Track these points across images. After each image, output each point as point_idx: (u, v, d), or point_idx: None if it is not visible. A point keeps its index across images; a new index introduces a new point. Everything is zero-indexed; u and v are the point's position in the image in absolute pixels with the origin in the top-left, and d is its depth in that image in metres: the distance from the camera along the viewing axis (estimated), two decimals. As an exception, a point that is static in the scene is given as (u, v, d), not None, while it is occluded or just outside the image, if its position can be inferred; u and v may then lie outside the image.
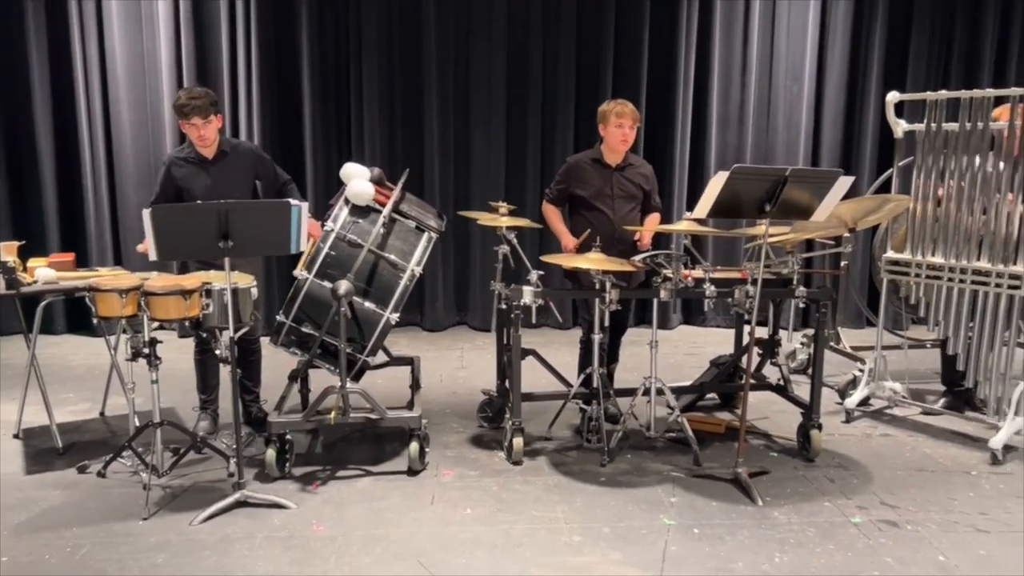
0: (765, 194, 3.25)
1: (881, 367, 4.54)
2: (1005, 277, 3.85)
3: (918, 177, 4.17)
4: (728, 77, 6.41)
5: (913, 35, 6.36)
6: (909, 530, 3.13)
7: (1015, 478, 3.65)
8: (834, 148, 6.51)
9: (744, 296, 3.64)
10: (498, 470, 3.66)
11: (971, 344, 4.02)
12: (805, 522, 3.18)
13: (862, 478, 3.63)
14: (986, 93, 3.89)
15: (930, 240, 4.14)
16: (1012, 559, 2.90)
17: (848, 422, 4.38)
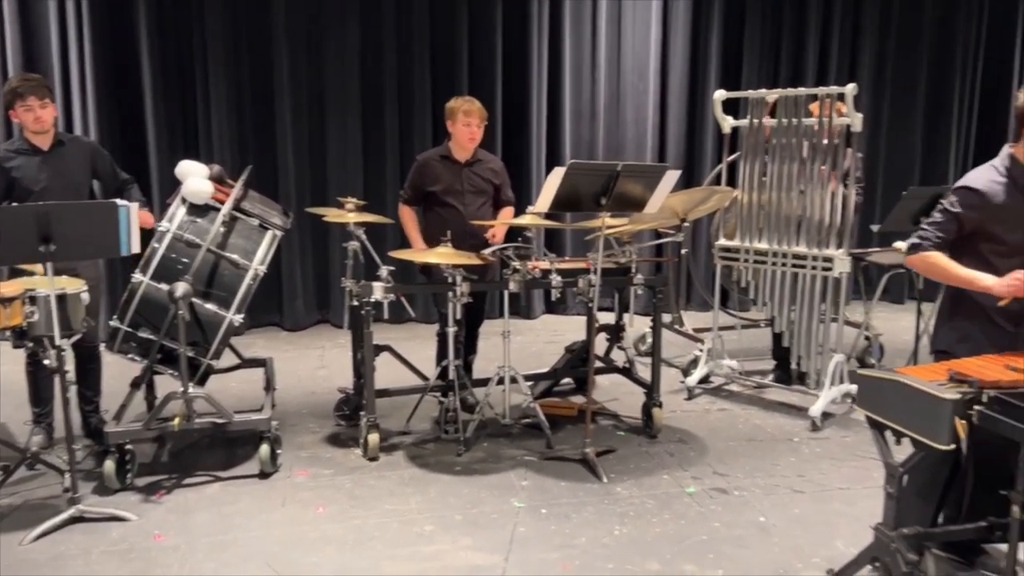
0: (600, 188, 3.43)
1: (719, 346, 4.87)
2: (820, 260, 4.24)
3: (744, 168, 4.50)
4: (579, 73, 6.64)
5: (746, 38, 6.82)
6: (736, 496, 3.40)
7: (831, 442, 4.03)
8: (679, 142, 6.88)
9: (587, 285, 3.81)
10: (353, 467, 3.66)
11: (794, 322, 4.40)
12: (645, 495, 3.39)
13: (699, 451, 3.90)
14: (799, 92, 4.25)
15: (756, 228, 4.48)
16: (822, 515, 3.22)
17: (690, 399, 4.68)
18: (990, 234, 2.55)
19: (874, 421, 2.24)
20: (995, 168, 2.58)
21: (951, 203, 2.59)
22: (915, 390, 2.06)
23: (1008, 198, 2.53)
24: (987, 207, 2.52)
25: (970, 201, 2.54)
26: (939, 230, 2.61)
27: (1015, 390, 2.02)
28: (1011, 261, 2.56)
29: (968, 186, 2.56)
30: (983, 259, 2.56)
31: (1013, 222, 2.54)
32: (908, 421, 2.09)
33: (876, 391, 2.21)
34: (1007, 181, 2.54)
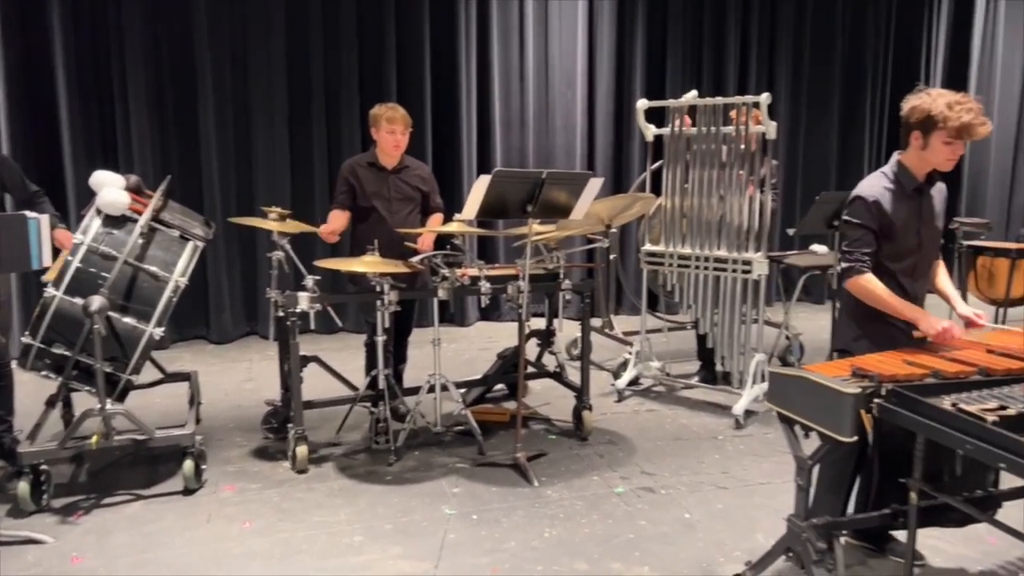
0: (526, 195, 3.48)
1: (647, 349, 4.98)
2: (739, 263, 4.38)
3: (667, 175, 4.62)
4: (508, 81, 6.70)
5: (669, 47, 7.01)
6: (663, 494, 3.49)
7: (753, 439, 4.16)
8: (607, 149, 7.01)
9: (516, 291, 3.85)
10: (281, 480, 3.61)
11: (717, 324, 4.53)
12: (575, 496, 3.45)
13: (627, 451, 3.98)
14: (716, 101, 4.39)
15: (679, 232, 4.60)
16: (744, 510, 3.32)
17: (620, 401, 4.77)
18: (883, 239, 2.66)
19: (784, 416, 2.34)
20: (885, 175, 2.71)
21: (856, 217, 2.67)
22: (819, 385, 2.16)
23: (898, 204, 2.65)
24: (882, 214, 2.64)
25: (868, 211, 2.64)
26: (862, 247, 2.66)
27: (911, 383, 2.13)
28: (903, 264, 2.70)
29: (862, 196, 2.67)
30: (878, 263, 2.69)
31: (904, 227, 2.67)
32: (814, 415, 2.19)
33: (785, 388, 2.31)
34: (896, 188, 2.67)
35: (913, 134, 2.61)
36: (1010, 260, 5.36)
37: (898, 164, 2.70)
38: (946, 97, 2.52)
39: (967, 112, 2.48)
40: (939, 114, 2.50)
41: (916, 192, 2.69)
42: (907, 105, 2.61)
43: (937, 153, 2.59)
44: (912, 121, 2.59)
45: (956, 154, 2.60)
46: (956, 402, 1.92)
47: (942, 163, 2.63)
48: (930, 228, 2.75)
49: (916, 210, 2.70)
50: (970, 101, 2.51)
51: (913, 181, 2.68)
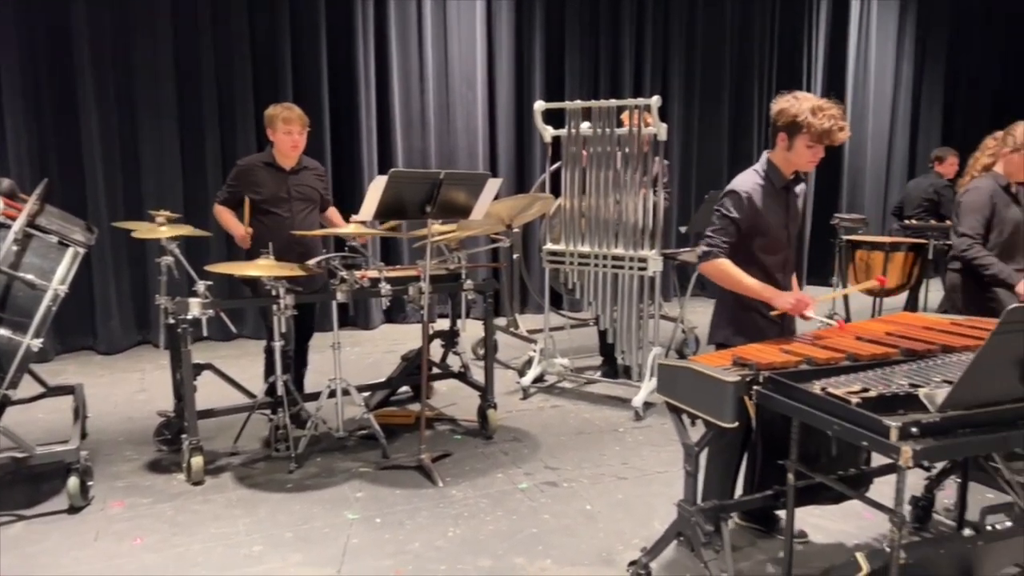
0: (424, 196, 3.48)
1: (551, 346, 5.06)
2: (635, 260, 4.51)
3: (565, 176, 4.71)
4: (408, 82, 6.67)
5: (567, 50, 7.15)
6: (565, 487, 3.56)
7: (652, 430, 4.30)
8: (509, 150, 7.09)
9: (418, 292, 3.85)
10: (176, 493, 3.49)
11: (617, 319, 4.65)
12: (479, 495, 3.47)
13: (531, 447, 4.04)
14: (611, 103, 4.51)
15: (579, 232, 4.70)
16: (643, 499, 3.43)
17: (525, 398, 4.83)
18: (757, 234, 2.80)
19: (672, 406, 2.43)
20: (757, 172, 2.85)
21: (727, 208, 2.80)
22: (703, 375, 2.26)
23: (769, 200, 2.80)
24: (753, 209, 2.77)
25: (740, 204, 2.78)
26: (723, 235, 2.80)
27: (787, 370, 2.26)
28: (776, 257, 2.85)
29: (736, 190, 2.80)
30: (753, 256, 2.83)
31: (775, 222, 2.81)
32: (699, 404, 2.29)
33: (672, 378, 2.40)
34: (767, 184, 2.81)
35: (780, 136, 2.76)
36: (884, 253, 5.72)
37: (768, 162, 2.85)
38: (811, 102, 2.67)
39: (829, 119, 2.62)
40: (803, 119, 2.64)
41: (784, 190, 2.85)
42: (776, 107, 2.75)
43: (800, 155, 2.74)
44: (779, 123, 2.73)
45: (817, 157, 2.76)
46: (825, 386, 2.04)
47: (804, 165, 2.79)
48: (795, 224, 2.92)
49: (784, 206, 2.85)
50: (833, 108, 2.66)
51: (781, 179, 2.83)
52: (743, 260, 2.81)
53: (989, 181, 3.65)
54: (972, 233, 3.60)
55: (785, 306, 2.70)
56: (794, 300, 2.69)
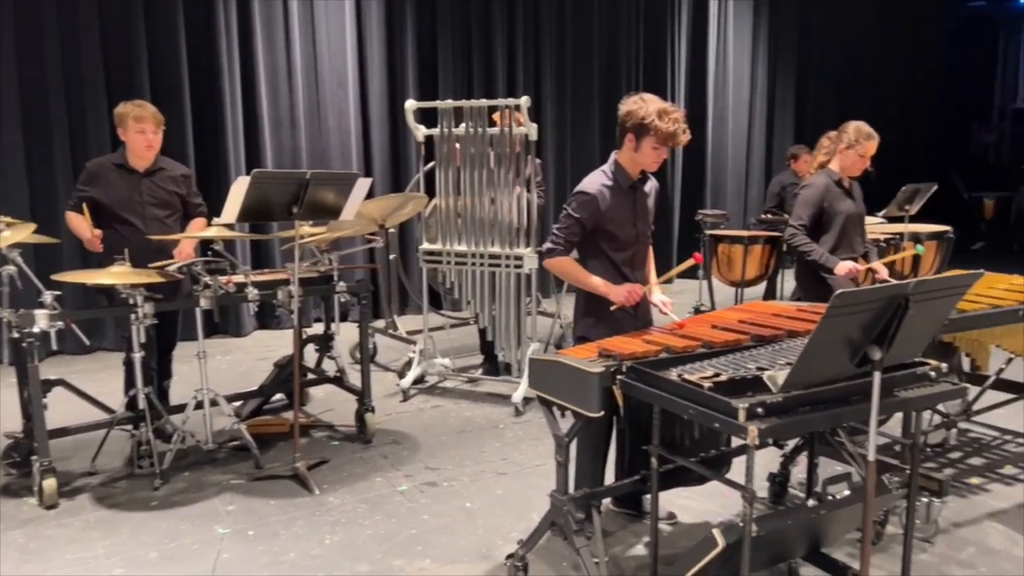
0: (291, 197, 3.39)
1: (431, 347, 5.05)
2: (512, 258, 4.57)
3: (439, 175, 4.71)
4: (275, 79, 6.47)
5: (439, 49, 7.14)
6: (445, 487, 3.57)
7: (531, 424, 4.37)
8: (384, 149, 7.01)
9: (287, 296, 3.74)
10: (27, 519, 3.24)
11: (495, 317, 4.69)
12: (357, 500, 3.42)
13: (411, 449, 4.02)
14: (482, 103, 4.55)
15: (455, 231, 4.72)
16: (522, 493, 3.49)
17: (405, 400, 4.80)
18: (605, 232, 2.90)
19: (543, 399, 2.49)
20: (604, 173, 2.94)
21: (572, 208, 2.90)
22: (570, 367, 2.33)
23: (616, 200, 2.89)
24: (600, 208, 2.86)
25: (586, 204, 2.86)
26: (567, 234, 2.91)
27: (648, 359, 2.36)
28: (624, 255, 2.95)
29: (583, 191, 2.90)
30: (603, 254, 2.93)
31: (622, 220, 2.91)
32: (567, 395, 2.36)
33: (542, 372, 2.46)
34: (614, 184, 2.91)
35: (627, 136, 2.85)
36: (743, 246, 6.07)
37: (615, 163, 2.95)
38: (657, 105, 2.78)
39: (673, 122, 2.75)
40: (650, 122, 2.74)
41: (631, 189, 2.94)
42: (624, 109, 2.85)
43: (646, 156, 2.85)
44: (627, 125, 2.83)
45: (661, 158, 2.88)
46: (681, 373, 2.15)
47: (649, 165, 2.91)
48: (644, 222, 3.03)
49: (631, 205, 2.95)
50: (677, 111, 2.79)
51: (628, 179, 2.93)
52: (592, 256, 2.91)
53: (824, 177, 3.93)
54: (798, 224, 3.87)
55: (618, 298, 2.82)
56: (626, 292, 2.82)
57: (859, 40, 10.58)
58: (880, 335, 1.86)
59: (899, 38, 11.01)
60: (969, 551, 2.93)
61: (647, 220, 3.05)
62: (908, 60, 11.21)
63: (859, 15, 10.47)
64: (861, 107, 9.20)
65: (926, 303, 1.88)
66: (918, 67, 11.44)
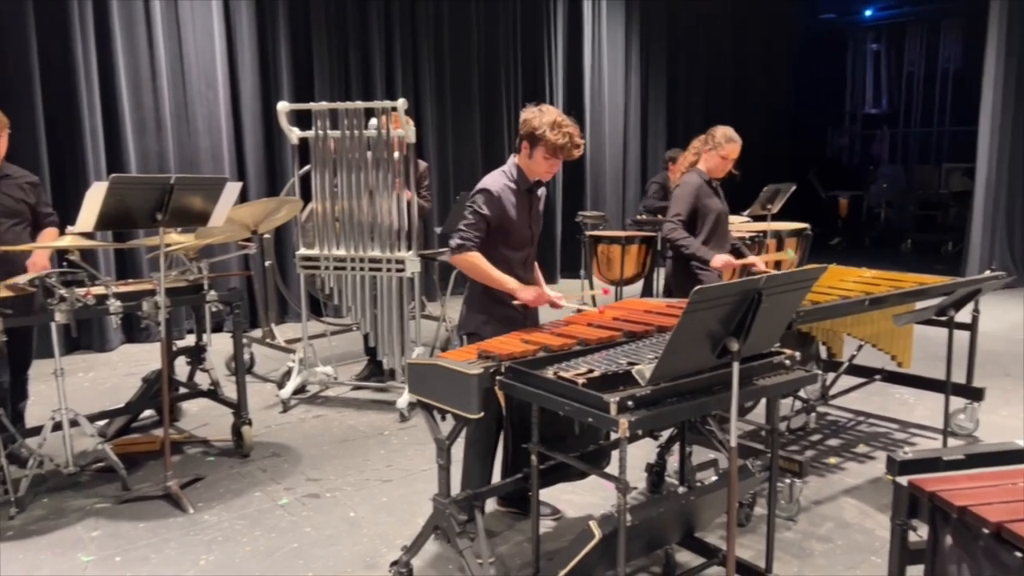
0: (155, 203, 3.22)
1: (311, 355, 4.93)
2: (393, 262, 4.53)
3: (316, 178, 4.61)
4: (137, 80, 6.13)
5: (315, 52, 6.99)
6: (328, 497, 3.49)
7: (417, 429, 4.34)
8: (258, 152, 6.78)
9: (153, 307, 3.55)
10: None
11: (378, 322, 4.63)
12: (235, 516, 3.29)
13: (292, 461, 3.91)
14: (357, 105, 4.48)
15: (333, 235, 4.62)
16: (407, 499, 3.46)
17: (285, 411, 4.66)
18: (502, 231, 2.96)
19: (424, 403, 2.48)
20: (504, 174, 3.02)
21: (479, 205, 2.95)
22: (449, 370, 2.33)
23: (515, 200, 2.98)
24: (501, 207, 2.94)
25: (492, 202, 2.93)
26: (475, 230, 2.94)
27: (526, 359, 2.40)
28: (519, 254, 3.03)
29: (488, 189, 2.96)
30: (499, 252, 2.98)
31: (520, 221, 3.00)
32: (447, 398, 2.36)
33: (422, 376, 2.45)
34: (514, 186, 2.99)
35: (523, 143, 2.93)
36: (621, 246, 6.26)
37: (515, 165, 3.02)
38: (552, 116, 2.85)
39: (564, 136, 2.83)
40: (542, 133, 2.83)
41: (528, 192, 3.03)
42: (522, 116, 2.93)
43: (538, 164, 2.93)
44: (523, 132, 2.91)
45: (553, 168, 2.97)
46: (557, 371, 2.19)
47: (542, 174, 2.99)
48: (536, 225, 3.13)
49: (528, 208, 3.04)
50: (570, 125, 2.87)
51: (526, 181, 3.01)
52: (488, 255, 2.95)
53: (695, 176, 4.12)
54: (675, 219, 4.05)
55: (527, 299, 2.89)
56: (535, 294, 2.90)
57: (721, 51, 11.15)
58: (737, 327, 1.97)
59: (757, 48, 11.68)
60: (828, 526, 3.15)
61: (539, 224, 3.14)
62: (766, 69, 11.91)
63: (720, 27, 11.04)
64: (726, 112, 9.71)
65: (777, 296, 2.01)
66: (776, 75, 12.18)
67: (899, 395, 4.71)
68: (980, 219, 8.31)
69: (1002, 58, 8.01)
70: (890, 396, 4.69)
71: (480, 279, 2.98)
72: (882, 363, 4.22)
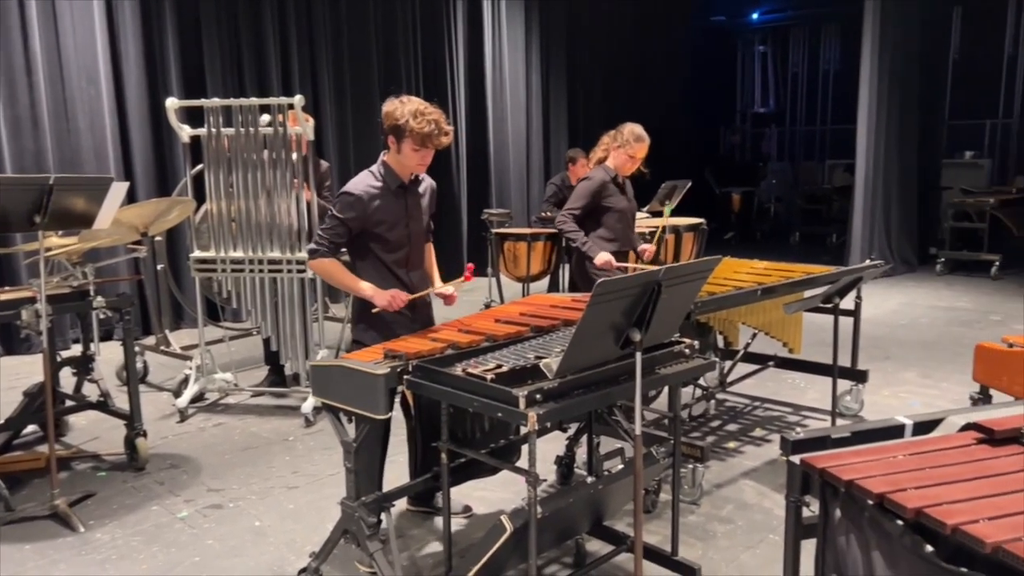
0: (32, 205, 3.02)
1: (209, 362, 4.74)
2: (294, 263, 4.41)
3: (209, 178, 4.43)
4: (11, 76, 5.73)
5: (205, 47, 6.72)
6: (232, 507, 3.37)
7: (323, 434, 4.25)
8: (146, 151, 6.47)
9: (33, 316, 3.33)
10: None
11: (279, 325, 4.50)
12: (130, 533, 3.14)
13: (192, 472, 3.75)
14: (252, 102, 4.34)
15: (229, 236, 4.46)
16: (315, 505, 3.38)
17: (183, 421, 4.47)
18: (373, 234, 2.87)
19: (329, 406, 2.43)
20: (373, 174, 2.92)
21: (337, 209, 2.84)
22: (355, 371, 2.29)
23: (385, 201, 2.87)
24: (366, 210, 2.83)
25: (351, 205, 2.82)
26: (331, 235, 2.85)
27: (434, 357, 2.38)
28: (396, 255, 2.93)
29: (348, 191, 2.85)
30: (374, 256, 2.90)
31: (392, 222, 2.88)
32: (353, 399, 2.32)
33: (327, 378, 2.40)
34: (383, 185, 2.89)
35: (389, 139, 2.83)
36: (527, 243, 6.32)
37: (384, 164, 2.92)
38: (413, 106, 2.74)
39: (429, 123, 2.72)
40: (405, 123, 2.72)
41: (401, 190, 2.92)
42: (383, 110, 2.80)
43: (408, 158, 2.83)
44: (387, 126, 2.80)
45: (426, 160, 2.85)
46: (465, 367, 2.19)
47: (414, 167, 2.88)
48: (417, 222, 3.00)
49: (403, 206, 2.93)
50: (434, 112, 2.76)
51: (397, 180, 2.91)
52: (362, 258, 2.88)
53: (601, 172, 4.20)
54: (568, 212, 4.11)
55: (382, 303, 2.79)
56: (389, 297, 2.79)
57: (619, 52, 11.41)
58: (639, 318, 2.02)
59: (653, 49, 12.01)
60: (729, 508, 3.28)
61: (421, 220, 3.03)
62: (661, 69, 12.26)
63: (617, 28, 11.29)
64: (624, 111, 9.93)
65: (676, 287, 2.07)
66: (670, 76, 12.56)
67: (791, 380, 4.95)
68: (860, 212, 8.83)
69: (876, 60, 8.53)
70: (783, 381, 4.93)
71: (336, 285, 2.93)
72: (775, 350, 4.42)
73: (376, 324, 2.87)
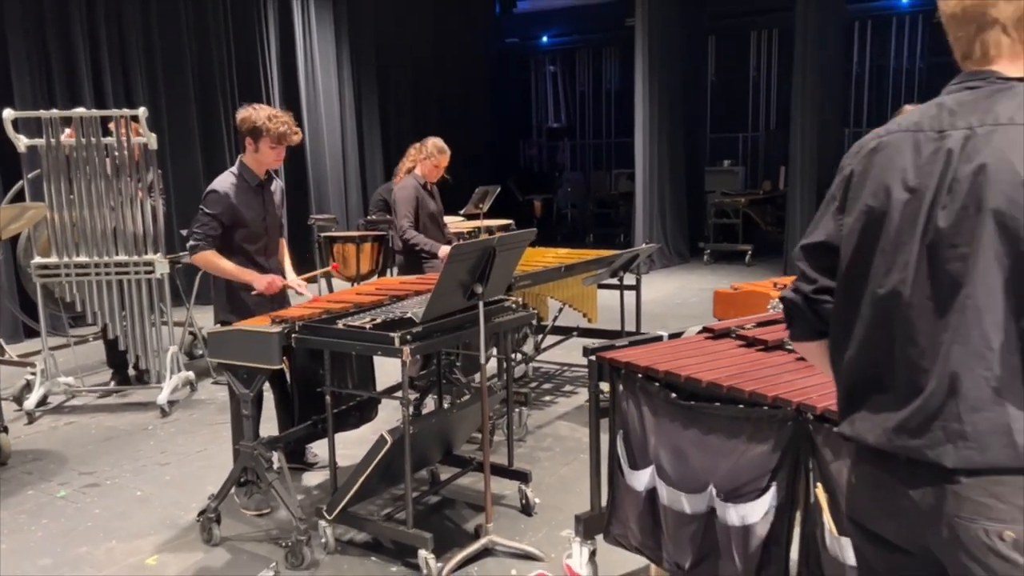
0: None
1: (52, 366, 4.83)
2: (141, 265, 4.67)
3: (49, 187, 4.57)
4: None
5: (11, 54, 6.59)
6: (109, 484, 3.66)
7: (181, 421, 4.56)
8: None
9: None
10: None
11: (128, 326, 4.72)
12: (14, 513, 3.36)
13: (58, 462, 3.95)
14: (94, 113, 4.56)
15: (72, 242, 4.63)
16: (190, 475, 3.75)
17: (31, 423, 4.56)
18: (237, 226, 3.36)
19: (225, 365, 2.91)
20: (233, 173, 3.41)
21: (208, 206, 3.31)
22: (252, 332, 2.80)
23: (245, 197, 3.37)
24: (230, 204, 3.32)
25: (219, 201, 3.31)
26: (206, 230, 3.31)
27: (314, 319, 2.94)
28: (256, 245, 3.44)
29: (215, 190, 3.34)
30: (236, 245, 3.38)
31: (251, 215, 3.40)
32: (249, 357, 2.82)
33: (223, 342, 2.88)
34: (242, 183, 3.39)
35: (247, 140, 3.35)
36: (356, 245, 6.84)
37: (242, 164, 3.43)
38: (266, 111, 3.31)
39: (283, 124, 3.30)
40: (262, 125, 3.27)
41: (258, 187, 3.45)
42: (239, 116, 3.33)
43: (266, 156, 3.37)
44: (244, 130, 3.33)
45: (281, 156, 3.41)
46: (346, 323, 2.78)
47: (272, 163, 3.43)
48: (273, 216, 3.55)
49: (260, 202, 3.46)
50: (284, 116, 3.35)
51: (255, 178, 3.44)
52: (229, 249, 3.36)
53: (412, 180, 4.83)
54: (407, 222, 4.73)
55: (260, 286, 3.32)
56: (267, 282, 3.33)
57: (425, 68, 12.18)
58: (480, 275, 2.73)
59: (456, 66, 12.90)
60: (548, 441, 4.09)
61: (276, 214, 3.56)
62: (463, 86, 13.17)
63: (422, 46, 12.06)
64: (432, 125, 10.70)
65: (505, 252, 2.80)
66: (473, 93, 13.51)
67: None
68: (641, 214, 10.19)
69: (647, 81, 9.93)
70: (585, 350, 5.86)
71: (218, 274, 3.37)
72: (576, 322, 5.33)
73: (239, 308, 3.36)
